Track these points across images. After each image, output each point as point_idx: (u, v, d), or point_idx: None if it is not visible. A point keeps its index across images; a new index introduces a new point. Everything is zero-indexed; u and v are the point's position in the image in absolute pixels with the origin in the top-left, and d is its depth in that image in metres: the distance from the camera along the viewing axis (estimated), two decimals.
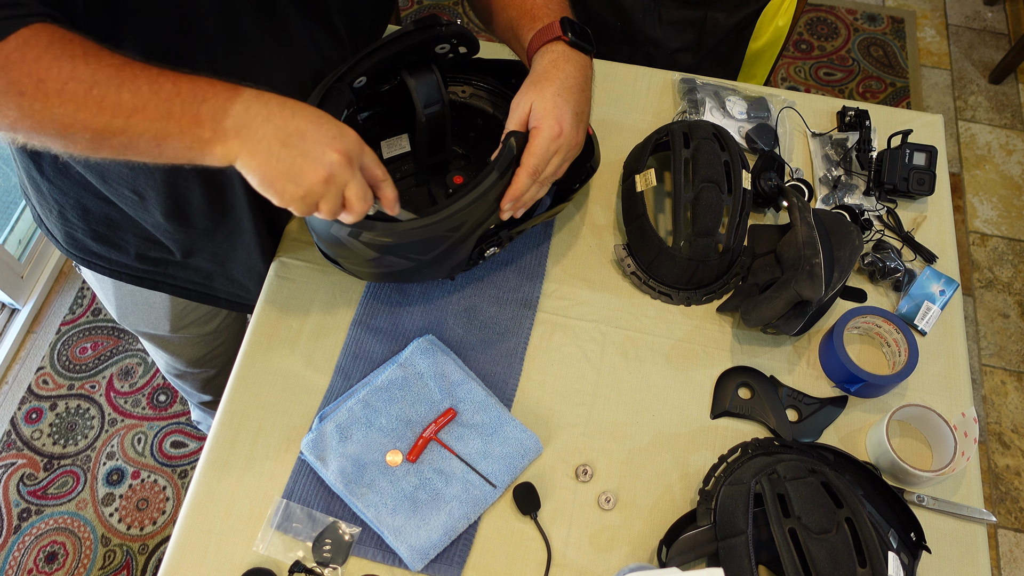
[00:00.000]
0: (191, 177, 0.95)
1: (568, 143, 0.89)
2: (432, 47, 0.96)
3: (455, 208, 0.87)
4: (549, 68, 0.89)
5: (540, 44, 0.92)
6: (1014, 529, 1.91)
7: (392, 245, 0.87)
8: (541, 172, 0.88)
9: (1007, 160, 2.49)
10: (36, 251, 2.09)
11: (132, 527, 1.79)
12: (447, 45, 0.96)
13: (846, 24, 2.75)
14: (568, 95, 0.88)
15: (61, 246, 1.10)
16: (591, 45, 0.93)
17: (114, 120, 0.69)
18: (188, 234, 1.04)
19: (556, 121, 0.87)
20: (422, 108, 0.98)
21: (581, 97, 0.90)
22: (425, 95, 0.98)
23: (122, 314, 1.22)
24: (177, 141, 0.71)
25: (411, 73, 0.97)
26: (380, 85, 1.00)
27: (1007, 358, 2.15)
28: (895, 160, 1.15)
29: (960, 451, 0.93)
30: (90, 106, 0.68)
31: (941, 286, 1.08)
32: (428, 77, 0.97)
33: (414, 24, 0.94)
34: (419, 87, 0.97)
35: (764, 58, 1.55)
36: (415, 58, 0.97)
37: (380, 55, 0.92)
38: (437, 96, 0.98)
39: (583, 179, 1.05)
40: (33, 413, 1.93)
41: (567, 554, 0.91)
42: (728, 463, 0.93)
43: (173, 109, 0.70)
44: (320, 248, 0.98)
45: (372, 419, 0.95)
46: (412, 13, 2.69)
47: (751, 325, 0.99)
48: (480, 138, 1.10)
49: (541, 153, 0.87)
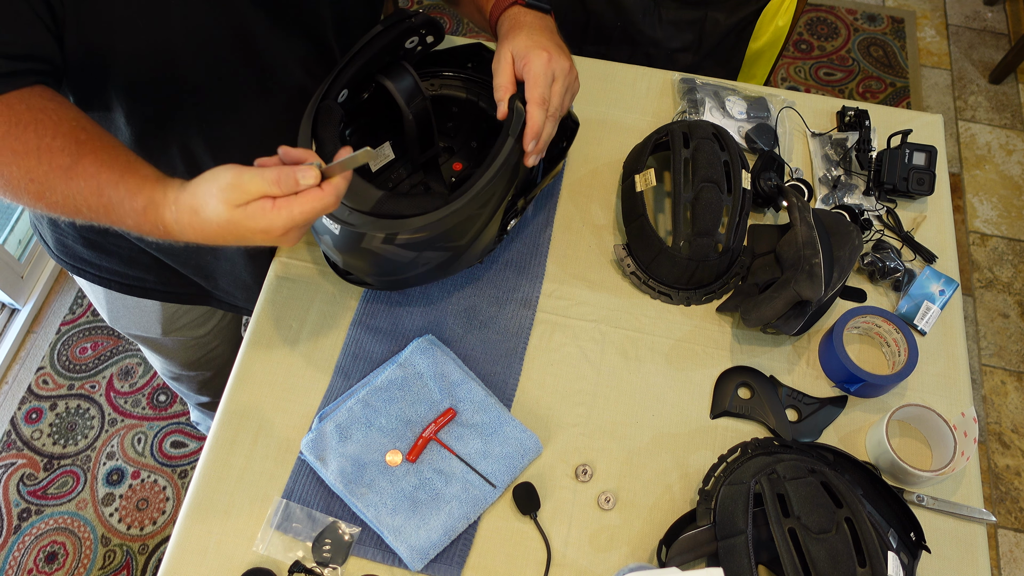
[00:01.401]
0: None
1: (561, 67, 0.89)
2: (402, 44, 0.95)
3: (483, 182, 0.87)
4: (512, 26, 0.92)
5: (499, 13, 0.95)
6: (1014, 529, 1.91)
7: (429, 238, 0.87)
8: (548, 101, 0.89)
9: (1007, 160, 2.49)
10: (36, 251, 2.09)
11: (132, 527, 1.79)
12: (416, 38, 0.96)
13: (846, 24, 2.75)
14: (539, 34, 0.90)
15: (52, 253, 1.10)
16: (546, 3, 0.96)
17: (77, 212, 0.75)
18: (173, 247, 1.04)
19: (541, 49, 0.88)
20: (407, 106, 0.97)
21: (552, 37, 0.92)
22: (407, 93, 0.96)
23: (113, 317, 1.22)
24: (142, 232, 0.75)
25: (386, 76, 0.96)
26: (359, 95, 0.99)
27: (1007, 358, 2.15)
28: (895, 160, 1.15)
29: (960, 451, 0.93)
30: (54, 205, 0.74)
31: (941, 286, 1.08)
32: (404, 75, 0.96)
33: (382, 24, 0.93)
34: (399, 87, 0.96)
35: (764, 58, 1.55)
36: (386, 60, 0.96)
37: (358, 62, 0.92)
38: (418, 91, 0.97)
39: (569, 137, 1.06)
40: (33, 413, 1.93)
41: (567, 554, 0.91)
42: (728, 463, 0.93)
43: (126, 219, 0.73)
44: (346, 274, 0.98)
45: (372, 419, 0.95)
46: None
47: (751, 325, 0.99)
48: (459, 125, 1.09)
49: (541, 81, 0.87)
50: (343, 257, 0.93)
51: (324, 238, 0.92)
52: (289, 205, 0.69)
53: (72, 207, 0.73)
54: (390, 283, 0.98)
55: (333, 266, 1.01)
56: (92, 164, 0.72)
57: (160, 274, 1.11)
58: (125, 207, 0.72)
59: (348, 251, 0.90)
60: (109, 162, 0.73)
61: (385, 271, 0.92)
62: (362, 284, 1.00)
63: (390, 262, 0.89)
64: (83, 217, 0.75)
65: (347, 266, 0.96)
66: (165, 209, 0.72)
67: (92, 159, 0.73)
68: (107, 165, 0.73)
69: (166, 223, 0.72)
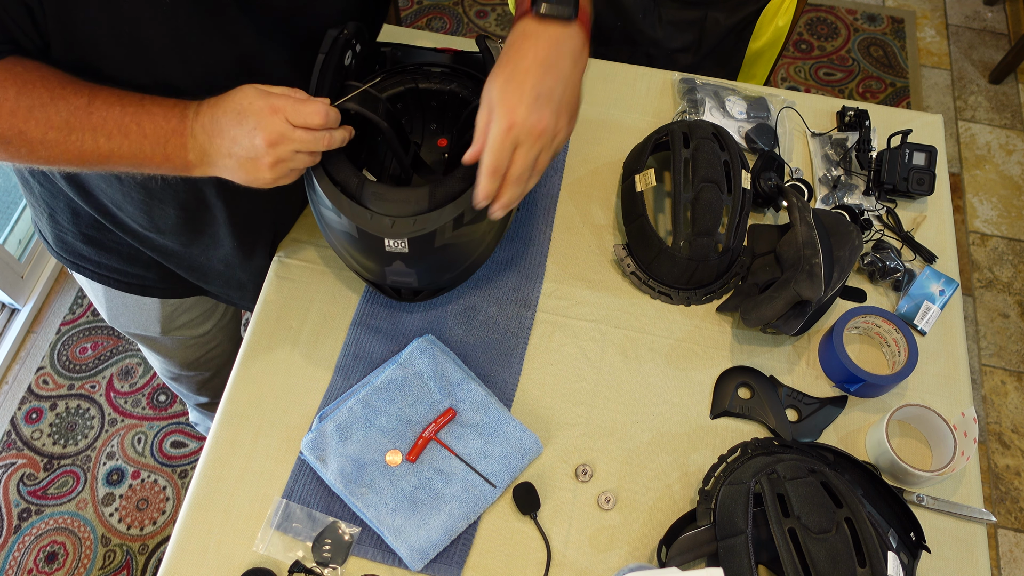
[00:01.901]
0: (166, 199, 0.95)
1: (529, 131, 0.79)
2: (343, 64, 0.91)
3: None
4: (505, 52, 0.82)
5: (514, 22, 0.84)
6: (1014, 529, 1.91)
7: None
8: (503, 170, 0.81)
9: (1007, 160, 2.49)
10: (36, 251, 2.09)
11: (132, 527, 1.79)
12: (350, 52, 0.91)
13: (846, 24, 2.75)
14: (522, 77, 0.79)
15: (52, 249, 1.10)
16: (571, 9, 0.81)
17: (95, 160, 0.79)
18: (166, 246, 1.04)
19: (506, 112, 0.78)
20: (380, 118, 0.91)
21: (545, 76, 0.79)
22: (372, 105, 0.90)
23: (112, 315, 1.22)
24: (158, 169, 0.81)
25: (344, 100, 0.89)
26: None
27: (1007, 358, 2.15)
28: (895, 160, 1.15)
29: (960, 451, 0.93)
30: (71, 152, 0.77)
31: (941, 286, 1.08)
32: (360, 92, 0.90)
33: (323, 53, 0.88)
34: (364, 104, 0.90)
35: (764, 58, 1.55)
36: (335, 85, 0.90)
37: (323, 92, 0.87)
38: (376, 97, 0.92)
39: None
40: (33, 413, 1.93)
41: (567, 554, 0.91)
42: (728, 463, 0.93)
43: (145, 150, 0.79)
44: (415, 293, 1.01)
45: (372, 419, 0.95)
46: (412, 13, 2.69)
47: (751, 325, 0.99)
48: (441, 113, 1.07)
49: (495, 150, 0.79)
50: (419, 270, 0.92)
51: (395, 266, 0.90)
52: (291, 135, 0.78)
53: (92, 146, 0.77)
54: (457, 277, 1.01)
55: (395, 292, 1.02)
56: (110, 95, 0.76)
57: (159, 271, 1.11)
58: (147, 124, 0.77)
59: (422, 258, 0.88)
60: (125, 93, 0.77)
61: (458, 262, 0.95)
62: (430, 295, 1.03)
63: (461, 250, 0.92)
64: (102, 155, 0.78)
65: (423, 281, 0.96)
66: (189, 117, 0.78)
67: (107, 93, 0.76)
68: (124, 95, 0.77)
69: (186, 140, 0.78)
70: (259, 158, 0.79)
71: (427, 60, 1.04)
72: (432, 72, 1.03)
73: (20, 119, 0.74)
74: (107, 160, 0.78)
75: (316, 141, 0.81)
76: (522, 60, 0.80)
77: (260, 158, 0.79)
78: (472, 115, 0.96)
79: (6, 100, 0.73)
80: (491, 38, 0.98)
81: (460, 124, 1.03)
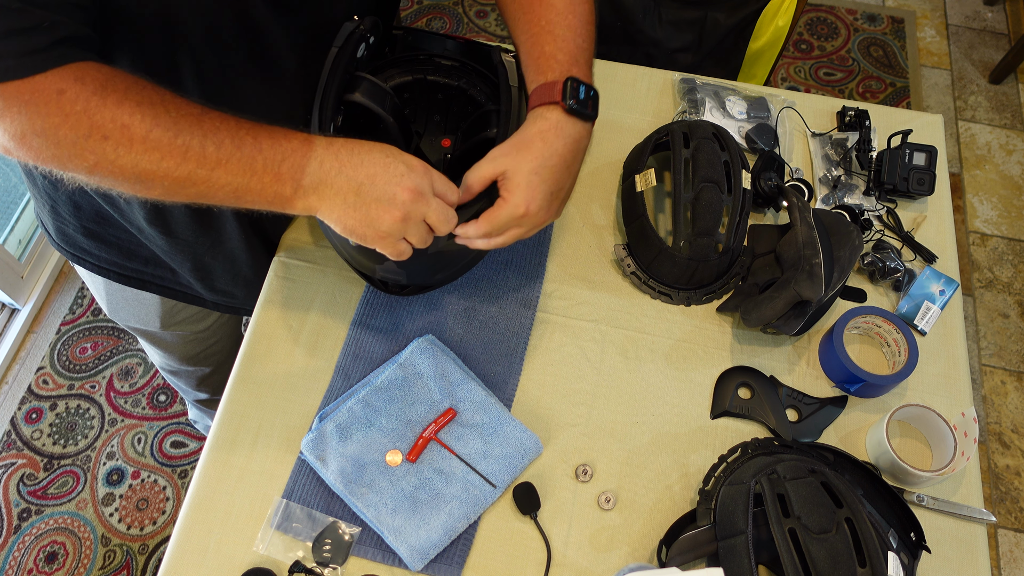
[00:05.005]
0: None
1: (532, 222, 0.85)
2: (355, 56, 0.92)
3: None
4: (535, 138, 0.84)
5: (538, 103, 0.85)
6: (1014, 529, 1.91)
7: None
8: (493, 237, 0.85)
9: (1007, 160, 2.49)
10: (36, 251, 2.10)
11: (132, 527, 1.79)
12: (363, 44, 0.93)
13: (846, 24, 2.75)
14: (547, 174, 0.83)
15: (53, 240, 1.11)
16: (593, 111, 0.86)
17: (198, 171, 0.71)
18: (169, 242, 1.04)
19: (524, 201, 0.82)
20: (385, 111, 0.93)
21: (563, 175, 0.86)
22: (379, 98, 0.92)
23: (113, 309, 1.22)
24: (258, 195, 0.75)
25: (354, 92, 0.92)
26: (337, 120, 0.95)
27: (1007, 358, 2.15)
28: (895, 160, 1.15)
29: (960, 451, 0.93)
30: (175, 155, 0.70)
31: (941, 286, 1.08)
32: (364, 82, 0.92)
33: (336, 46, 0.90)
34: (370, 96, 0.91)
35: (764, 58, 1.56)
36: (345, 76, 0.92)
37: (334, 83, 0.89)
38: (385, 92, 0.94)
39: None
40: (33, 413, 1.93)
41: (567, 554, 0.91)
42: (728, 463, 0.93)
43: (256, 165, 0.73)
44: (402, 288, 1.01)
45: (372, 419, 0.95)
46: (412, 13, 2.69)
47: (751, 325, 0.99)
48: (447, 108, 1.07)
49: (498, 224, 0.84)
50: (409, 271, 0.93)
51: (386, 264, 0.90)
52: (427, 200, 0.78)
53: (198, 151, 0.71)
54: (448, 277, 1.01)
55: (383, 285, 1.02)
56: (224, 113, 0.73)
57: (158, 268, 1.11)
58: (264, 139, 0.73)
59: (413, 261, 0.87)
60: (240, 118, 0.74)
61: (449, 265, 0.96)
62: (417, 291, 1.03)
63: (453, 256, 0.92)
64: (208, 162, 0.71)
65: (413, 279, 0.97)
66: (318, 145, 0.75)
67: (221, 113, 0.73)
68: (239, 118, 0.73)
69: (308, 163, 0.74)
70: (391, 206, 0.76)
71: (436, 50, 1.03)
72: (442, 65, 1.03)
73: (126, 111, 0.68)
74: (210, 172, 0.72)
75: (447, 219, 0.80)
76: (552, 156, 0.84)
77: (392, 207, 0.76)
78: (480, 120, 0.98)
79: (115, 91, 0.68)
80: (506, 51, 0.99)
81: (466, 127, 1.03)
